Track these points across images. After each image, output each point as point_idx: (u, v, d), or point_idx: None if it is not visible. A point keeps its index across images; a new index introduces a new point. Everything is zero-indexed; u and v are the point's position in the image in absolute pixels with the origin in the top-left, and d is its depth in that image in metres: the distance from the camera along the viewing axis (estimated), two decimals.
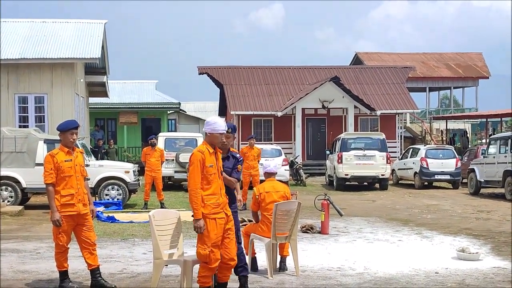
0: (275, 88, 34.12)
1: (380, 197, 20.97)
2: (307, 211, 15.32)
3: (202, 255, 6.62)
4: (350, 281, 8.28)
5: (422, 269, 9.10)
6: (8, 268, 8.95)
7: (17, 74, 23.28)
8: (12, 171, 16.70)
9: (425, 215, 15.83)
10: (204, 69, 35.28)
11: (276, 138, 32.53)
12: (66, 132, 7.72)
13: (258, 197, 8.87)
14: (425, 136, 38.28)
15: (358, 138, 24.45)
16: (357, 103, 30.90)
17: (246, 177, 17.12)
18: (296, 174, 25.63)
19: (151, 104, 40.17)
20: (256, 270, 8.81)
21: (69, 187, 7.65)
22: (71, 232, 7.74)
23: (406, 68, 37.51)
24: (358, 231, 12.99)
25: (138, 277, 8.46)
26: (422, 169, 23.94)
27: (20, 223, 14.26)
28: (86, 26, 25.62)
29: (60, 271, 7.76)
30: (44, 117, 23.37)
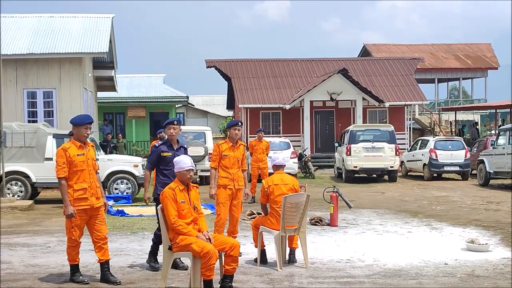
0: (283, 80, 34.07)
1: (389, 189, 20.94)
2: (316, 203, 15.32)
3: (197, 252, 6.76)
4: (360, 273, 8.28)
5: (431, 260, 9.10)
6: (19, 262, 9.01)
7: (25, 69, 23.36)
8: (21, 166, 16.78)
9: (434, 207, 15.80)
10: (212, 62, 35.27)
11: (285, 131, 32.51)
12: (81, 127, 7.73)
13: (266, 189, 8.88)
14: (434, 128, 38.16)
15: (367, 130, 24.41)
16: (366, 95, 30.83)
17: (254, 170, 17.12)
18: (304, 166, 25.62)
19: (159, 98, 40.23)
20: (265, 262, 8.83)
21: (82, 181, 7.66)
22: (83, 227, 7.77)
23: (414, 60, 37.38)
24: (367, 223, 12.99)
25: (148, 271, 8.48)
26: (431, 161, 23.86)
27: (30, 217, 14.34)
28: (93, 21, 25.65)
29: (72, 264, 7.80)
30: (52, 112, 23.45)
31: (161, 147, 8.77)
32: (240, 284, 7.50)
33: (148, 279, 7.94)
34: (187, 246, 6.82)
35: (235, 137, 9.43)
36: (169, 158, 8.57)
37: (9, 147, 16.63)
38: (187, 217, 7.04)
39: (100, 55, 24.42)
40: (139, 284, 7.70)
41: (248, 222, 12.37)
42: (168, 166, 8.63)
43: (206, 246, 6.71)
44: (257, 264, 8.74)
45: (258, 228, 8.94)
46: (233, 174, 9.35)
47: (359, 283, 7.71)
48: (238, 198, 9.40)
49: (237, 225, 9.50)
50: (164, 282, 7.11)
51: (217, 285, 7.03)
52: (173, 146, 8.80)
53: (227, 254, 6.95)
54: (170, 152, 8.71)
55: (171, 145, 8.82)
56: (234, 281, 7.13)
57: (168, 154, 8.68)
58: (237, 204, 9.40)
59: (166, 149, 8.75)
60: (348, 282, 7.75)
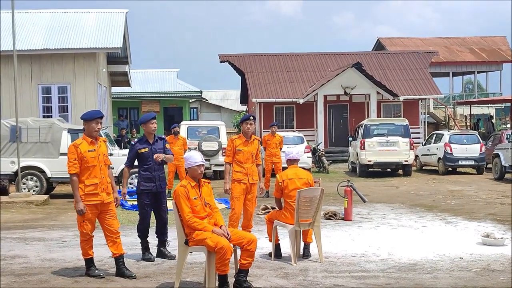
0: (296, 75, 34.00)
1: (404, 183, 20.87)
2: (330, 198, 15.30)
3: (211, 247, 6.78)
4: (374, 267, 8.27)
5: (446, 254, 9.07)
6: (35, 257, 9.08)
7: (40, 65, 23.48)
8: (37, 161, 16.88)
9: (449, 201, 15.74)
10: (225, 57, 35.24)
11: (298, 125, 32.46)
12: (91, 122, 7.77)
13: (281, 184, 8.88)
14: (448, 122, 37.96)
15: (381, 124, 24.32)
16: (380, 89, 30.69)
17: (268, 165, 17.12)
18: (318, 161, 25.59)
19: (173, 93, 40.32)
20: (280, 256, 8.84)
21: (93, 177, 7.71)
22: (95, 220, 7.82)
23: (429, 53, 37.15)
24: (382, 217, 12.96)
25: (163, 264, 8.53)
26: (446, 155, 23.74)
27: (45, 212, 14.43)
28: (107, 16, 25.73)
29: (86, 258, 7.85)
30: (67, 107, 23.57)
31: (137, 145, 9.05)
32: (255, 278, 7.51)
33: (163, 273, 7.97)
34: (202, 241, 6.85)
35: (248, 131, 9.44)
36: (147, 153, 8.93)
37: (24, 142, 16.73)
38: (200, 213, 7.06)
39: (114, 50, 24.50)
40: (154, 278, 7.73)
41: (262, 216, 12.38)
42: (147, 161, 8.94)
43: (221, 241, 6.72)
44: (272, 258, 8.75)
45: (272, 222, 8.95)
46: (247, 168, 9.36)
47: (374, 278, 7.70)
48: (252, 193, 9.41)
49: (252, 220, 9.52)
50: (179, 276, 7.13)
51: (232, 279, 7.04)
52: (149, 141, 9.02)
53: (244, 249, 6.96)
54: (147, 147, 8.98)
55: (147, 140, 9.03)
56: (249, 275, 7.14)
57: (145, 149, 8.98)
58: (251, 199, 9.42)
59: (142, 145, 9.01)
60: (362, 276, 7.74)
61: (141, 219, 9.02)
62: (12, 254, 9.25)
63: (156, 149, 9.02)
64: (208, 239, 6.78)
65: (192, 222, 6.93)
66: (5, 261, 8.80)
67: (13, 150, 16.54)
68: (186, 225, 7.02)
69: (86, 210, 7.60)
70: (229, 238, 6.86)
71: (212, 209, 7.24)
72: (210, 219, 7.11)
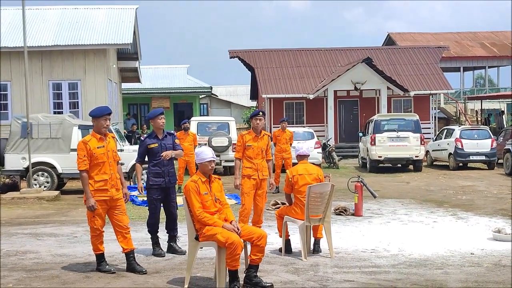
0: (306, 70, 33.96)
1: (414, 178, 20.81)
2: (340, 193, 15.29)
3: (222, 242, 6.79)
4: (385, 263, 8.25)
5: (457, 250, 9.04)
6: (46, 252, 9.12)
7: (50, 61, 23.56)
8: (48, 157, 16.95)
9: (460, 196, 15.68)
10: (235, 53, 35.24)
11: (308, 121, 32.44)
12: (100, 118, 7.80)
13: (291, 179, 8.87)
14: (459, 117, 37.80)
15: (392, 120, 24.23)
16: (390, 84, 30.61)
17: (278, 160, 17.11)
18: (328, 156, 25.55)
19: (183, 89, 40.36)
20: (290, 252, 8.84)
21: (102, 173, 7.75)
22: (105, 216, 7.85)
23: (439, 48, 37.00)
24: (392, 212, 12.93)
25: (174, 260, 8.55)
26: (456, 150, 23.65)
27: (56, 207, 14.50)
28: (117, 12, 25.78)
29: (97, 254, 7.88)
30: (78, 103, 23.65)
31: (146, 140, 9.11)
32: (265, 274, 7.51)
33: (173, 269, 7.99)
34: (212, 236, 6.86)
35: (257, 127, 9.43)
36: (157, 149, 8.98)
37: (35, 138, 16.80)
38: (210, 208, 7.07)
39: (124, 46, 24.54)
40: (164, 273, 7.75)
41: (272, 212, 12.38)
42: (157, 157, 8.98)
43: (231, 236, 6.72)
44: (282, 254, 8.76)
45: (282, 218, 8.95)
46: (257, 164, 9.36)
47: (385, 273, 7.68)
48: (262, 188, 9.41)
49: (262, 215, 9.52)
50: (189, 272, 7.15)
51: (242, 274, 7.05)
52: (158, 136, 9.07)
53: (254, 244, 6.97)
54: (156, 142, 9.03)
55: (156, 135, 9.08)
56: (259, 271, 7.14)
57: (155, 145, 9.03)
58: (262, 194, 9.42)
59: (152, 140, 9.07)
60: (373, 272, 7.73)
61: (150, 214, 9.05)
62: (23, 250, 9.31)
63: (166, 144, 9.06)
64: (218, 235, 6.78)
65: (202, 217, 6.94)
66: (17, 256, 8.86)
67: (24, 146, 16.62)
68: (196, 220, 7.03)
69: (96, 206, 7.64)
70: (239, 233, 6.87)
71: (223, 204, 7.25)
72: (220, 215, 7.12)
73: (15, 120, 17.21)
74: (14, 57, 23.35)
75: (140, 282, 7.31)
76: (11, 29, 24.15)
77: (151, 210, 9.05)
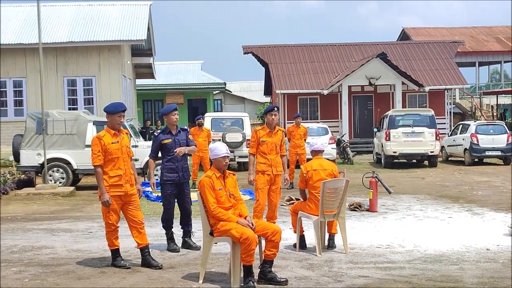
0: (320, 66, 33.88)
1: (429, 174, 20.71)
2: (355, 189, 15.24)
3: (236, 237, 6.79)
4: (400, 258, 8.22)
5: (473, 246, 8.98)
6: (62, 247, 9.17)
7: (65, 57, 23.69)
8: (63, 153, 17.03)
9: (476, 192, 15.58)
10: (249, 49, 35.22)
11: (322, 116, 32.36)
12: (114, 115, 7.82)
13: (305, 175, 8.84)
14: (475, 112, 37.60)
15: (406, 115, 24.12)
16: (405, 79, 30.47)
17: (292, 156, 17.08)
18: (343, 152, 25.48)
19: (197, 85, 40.43)
20: (304, 247, 8.82)
21: (116, 168, 7.78)
22: (119, 211, 7.88)
23: (454, 43, 36.77)
24: (407, 208, 12.87)
25: (188, 255, 8.56)
26: (472, 145, 23.50)
27: (72, 203, 14.57)
28: (131, 8, 25.86)
29: (112, 249, 7.91)
30: (92, 99, 23.77)
31: (160, 136, 9.13)
32: (280, 269, 7.50)
33: (188, 264, 8.00)
34: (227, 232, 6.86)
35: (272, 122, 9.41)
36: (170, 144, 9.00)
37: (50, 135, 16.88)
38: (225, 204, 7.07)
39: (138, 43, 24.63)
40: (179, 268, 7.76)
41: (286, 207, 12.37)
42: (170, 152, 8.99)
43: (246, 231, 6.72)
44: (296, 250, 8.74)
45: (297, 213, 8.93)
46: (271, 160, 9.35)
47: (400, 269, 7.65)
48: (276, 184, 9.40)
49: (276, 211, 9.51)
50: (204, 267, 7.16)
51: (257, 270, 7.04)
52: (171, 132, 9.08)
53: (268, 239, 6.96)
54: (170, 138, 9.04)
55: (170, 131, 9.10)
56: (274, 266, 7.13)
57: (168, 140, 9.04)
58: (276, 190, 9.41)
59: (165, 136, 9.08)
60: (388, 268, 7.70)
61: (164, 210, 9.07)
62: (39, 245, 9.36)
63: (179, 140, 9.07)
64: (233, 230, 6.78)
65: (217, 213, 6.95)
66: (32, 251, 8.91)
67: (39, 142, 16.71)
68: (211, 215, 7.03)
69: (111, 201, 7.66)
70: (253, 228, 6.87)
71: (237, 200, 7.25)
72: (234, 210, 7.12)
73: (30, 116, 17.30)
74: (29, 54, 23.50)
75: (155, 277, 7.32)
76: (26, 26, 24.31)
77: (165, 205, 9.06)
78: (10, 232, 10.64)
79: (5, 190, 16.03)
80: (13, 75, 23.84)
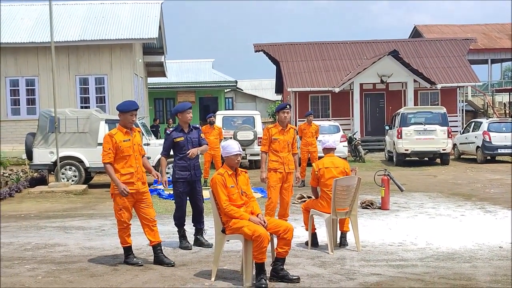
0: (332, 63, 33.80)
1: (441, 172, 20.63)
2: (367, 187, 15.21)
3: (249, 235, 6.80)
4: (412, 256, 8.20)
5: (485, 243, 8.95)
6: (75, 245, 9.22)
7: (77, 56, 23.78)
8: (75, 151, 17.10)
9: (488, 190, 15.51)
10: (260, 47, 35.19)
11: (334, 114, 32.30)
12: (126, 113, 7.86)
13: (317, 172, 8.84)
14: (487, 110, 37.39)
15: (418, 113, 24.04)
16: (417, 77, 30.35)
17: (304, 154, 17.07)
18: (354, 150, 25.44)
19: (208, 83, 40.45)
20: (316, 245, 8.82)
21: (128, 166, 7.82)
22: (131, 209, 7.91)
23: (467, 40, 36.58)
24: (419, 206, 12.84)
25: (200, 253, 8.58)
26: (484, 143, 23.38)
27: (84, 201, 14.64)
28: (143, 7, 25.92)
29: (124, 247, 7.94)
30: (104, 98, 23.84)
31: (173, 134, 9.14)
32: (292, 267, 7.50)
33: (200, 261, 8.02)
34: (239, 229, 6.87)
35: (284, 120, 9.42)
36: (182, 142, 9.03)
37: (63, 133, 16.95)
38: (237, 201, 7.08)
39: (150, 41, 24.67)
40: (191, 266, 7.78)
41: (298, 205, 12.37)
42: (182, 150, 9.03)
43: (258, 229, 6.73)
44: (308, 247, 8.74)
45: (308, 211, 8.93)
46: (283, 157, 9.35)
47: (412, 266, 7.63)
48: (288, 182, 9.41)
49: (288, 209, 9.52)
50: (216, 264, 7.17)
51: (269, 268, 7.05)
52: (184, 130, 9.11)
53: (280, 237, 6.96)
54: (182, 136, 9.07)
55: (182, 129, 9.12)
56: (286, 264, 7.14)
57: (181, 138, 9.07)
58: (288, 188, 9.41)
59: (178, 134, 9.10)
60: (400, 265, 7.68)
61: (176, 208, 9.10)
62: (52, 243, 9.42)
63: (191, 138, 9.10)
64: (245, 227, 6.79)
65: (229, 210, 6.96)
66: (46, 249, 8.97)
67: (52, 141, 16.78)
68: (223, 213, 7.05)
69: (128, 190, 7.68)
70: (265, 226, 6.87)
71: (249, 198, 7.26)
72: (246, 208, 7.13)
73: (43, 114, 17.38)
74: (41, 53, 23.61)
75: (168, 275, 7.35)
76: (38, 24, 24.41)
77: (177, 203, 9.09)
78: (24, 229, 10.72)
79: (18, 188, 16.13)
80: (26, 73, 23.97)
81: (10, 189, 15.74)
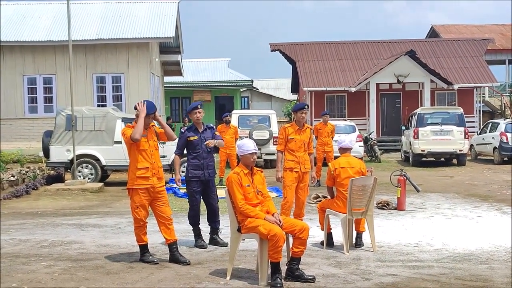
0: (348, 63, 33.71)
1: (458, 173, 20.51)
2: (383, 187, 15.16)
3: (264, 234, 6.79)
4: (428, 257, 8.16)
5: (502, 245, 8.88)
6: (91, 242, 9.27)
7: (94, 55, 23.90)
8: (92, 149, 17.20)
9: (505, 191, 15.40)
10: (276, 46, 35.16)
11: (350, 114, 32.21)
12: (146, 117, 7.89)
13: (333, 172, 8.82)
14: (504, 110, 37.07)
15: (435, 113, 23.91)
16: (434, 77, 30.20)
17: (320, 154, 17.05)
18: (370, 150, 25.35)
19: (224, 82, 40.49)
20: (332, 245, 8.80)
21: (144, 161, 7.84)
22: (148, 207, 7.93)
23: (484, 40, 36.31)
24: (436, 207, 12.77)
25: (216, 251, 8.59)
26: (501, 144, 23.20)
27: (100, 199, 14.71)
28: (160, 6, 25.99)
29: (140, 245, 7.97)
30: (121, 96, 23.94)
31: (187, 133, 9.17)
32: (307, 267, 7.49)
33: (216, 260, 8.03)
34: (254, 228, 6.87)
35: (302, 120, 9.42)
36: (196, 141, 9.06)
37: (79, 131, 17.05)
38: (253, 200, 7.08)
39: (166, 40, 24.76)
40: (207, 264, 7.80)
41: (314, 205, 12.35)
42: (196, 149, 9.06)
43: (273, 228, 6.72)
44: (324, 247, 8.73)
45: (324, 211, 8.91)
46: (299, 157, 9.35)
47: (428, 267, 7.59)
48: (304, 181, 9.40)
49: (303, 208, 9.51)
50: (231, 263, 7.17)
51: (284, 267, 7.04)
52: (198, 130, 9.14)
53: (296, 237, 6.96)
54: (196, 135, 9.10)
55: (196, 129, 9.15)
56: (301, 264, 7.13)
57: (195, 137, 9.09)
58: (304, 187, 9.40)
59: (192, 133, 9.13)
60: (416, 266, 7.65)
61: (190, 207, 9.12)
62: (68, 240, 9.47)
63: (205, 137, 9.13)
64: (260, 227, 6.79)
65: (244, 209, 6.96)
66: (62, 246, 9.02)
67: (68, 139, 16.88)
68: (238, 212, 7.05)
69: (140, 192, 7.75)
70: (281, 225, 6.87)
71: (265, 197, 7.26)
72: (262, 207, 7.13)
73: (60, 113, 17.49)
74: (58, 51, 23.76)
75: (183, 273, 7.36)
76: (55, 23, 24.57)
77: (191, 202, 9.12)
78: (40, 227, 10.79)
79: (35, 186, 16.24)
80: (43, 72, 24.14)
81: (27, 186, 15.86)
